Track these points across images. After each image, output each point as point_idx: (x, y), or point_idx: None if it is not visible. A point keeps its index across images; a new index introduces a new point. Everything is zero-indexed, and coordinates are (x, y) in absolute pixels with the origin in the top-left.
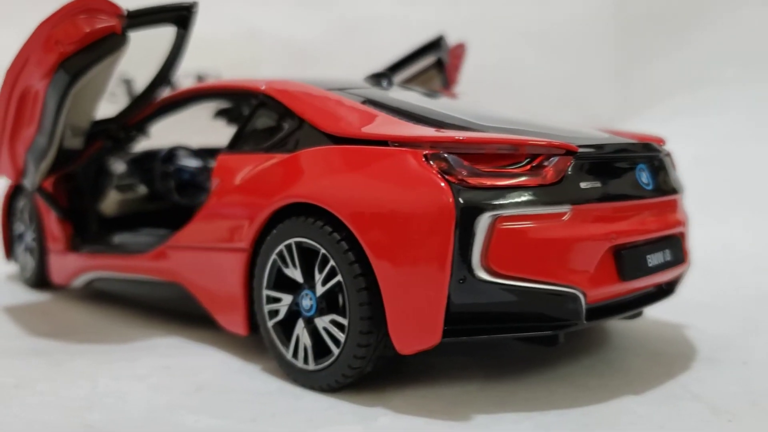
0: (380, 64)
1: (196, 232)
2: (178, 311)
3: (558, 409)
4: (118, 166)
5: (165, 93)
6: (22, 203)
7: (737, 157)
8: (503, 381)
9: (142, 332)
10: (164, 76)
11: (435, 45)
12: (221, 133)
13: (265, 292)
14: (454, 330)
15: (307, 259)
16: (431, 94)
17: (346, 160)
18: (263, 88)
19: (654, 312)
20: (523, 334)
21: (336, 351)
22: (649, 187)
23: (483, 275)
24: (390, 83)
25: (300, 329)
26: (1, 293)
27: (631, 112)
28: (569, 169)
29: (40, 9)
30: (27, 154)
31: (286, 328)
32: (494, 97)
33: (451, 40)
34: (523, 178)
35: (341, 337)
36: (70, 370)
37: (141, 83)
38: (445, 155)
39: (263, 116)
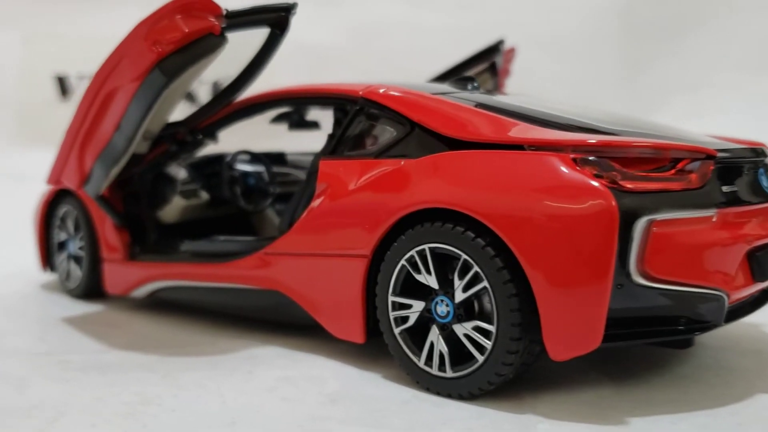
0: (394, 68)
1: (301, 239)
2: (253, 319)
3: (706, 410)
4: (181, 172)
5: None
6: (63, 210)
7: None
8: (631, 384)
9: (235, 343)
10: (247, 79)
11: (494, 49)
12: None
13: (392, 299)
14: (608, 335)
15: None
16: (528, 97)
17: (489, 165)
18: (361, 92)
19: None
20: (671, 338)
21: (480, 358)
22: None
23: (640, 280)
24: (476, 87)
25: (434, 336)
26: (48, 305)
27: (638, 114)
28: (711, 173)
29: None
30: (97, 160)
31: (414, 334)
32: None
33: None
34: (671, 182)
35: (486, 343)
36: (189, 385)
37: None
38: (596, 159)
39: (364, 121)
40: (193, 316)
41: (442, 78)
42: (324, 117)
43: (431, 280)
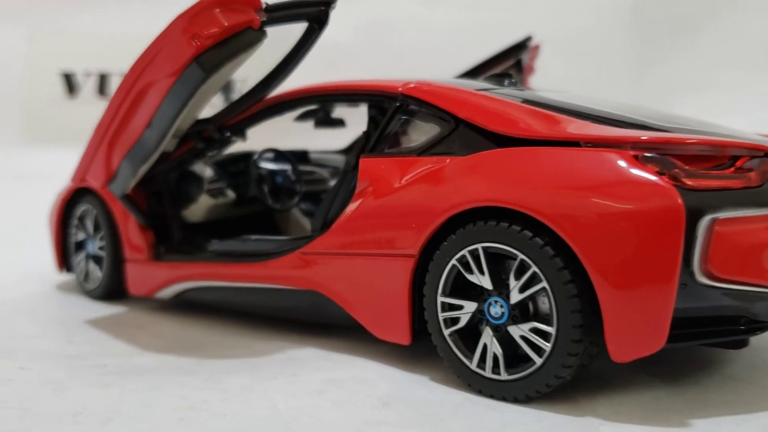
0: (405, 66)
1: (342, 239)
2: (285, 320)
3: (766, 411)
4: (207, 170)
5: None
6: (81, 209)
7: None
8: (683, 385)
9: (271, 344)
10: (281, 76)
11: (521, 46)
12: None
13: (441, 300)
14: (671, 336)
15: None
16: (567, 93)
17: (546, 162)
18: (401, 89)
19: None
20: (731, 338)
21: (538, 360)
22: None
23: (703, 280)
24: (513, 83)
25: (488, 338)
26: (69, 306)
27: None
28: None
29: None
30: (126, 158)
31: (465, 336)
32: None
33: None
34: (731, 180)
35: (545, 345)
36: (234, 388)
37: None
38: (658, 156)
39: (404, 118)
40: (220, 316)
41: (469, 75)
42: (347, 114)
43: (485, 281)
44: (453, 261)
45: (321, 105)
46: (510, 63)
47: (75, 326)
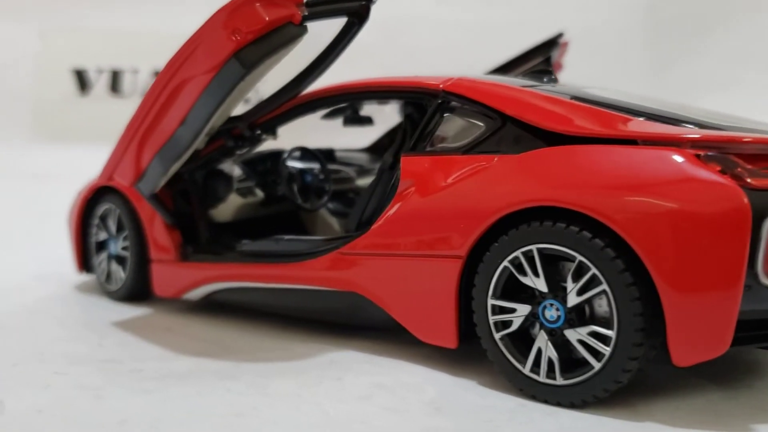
0: (419, 63)
1: (384, 239)
2: (320, 322)
3: None
4: (235, 168)
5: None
6: (103, 209)
7: None
8: (736, 389)
9: (309, 347)
10: (315, 73)
11: (553, 42)
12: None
13: (492, 302)
14: (734, 338)
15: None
16: (612, 90)
17: (604, 160)
18: (442, 86)
19: None
20: None
21: (597, 365)
22: None
23: (767, 281)
24: (553, 80)
25: (543, 342)
26: (92, 308)
27: None
28: None
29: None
30: (157, 156)
31: (516, 339)
32: None
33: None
34: None
35: (604, 349)
36: (281, 394)
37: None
38: (719, 155)
39: (447, 115)
40: (249, 317)
41: (499, 72)
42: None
43: (539, 283)
44: (505, 263)
45: (354, 103)
46: (540, 60)
47: (103, 328)
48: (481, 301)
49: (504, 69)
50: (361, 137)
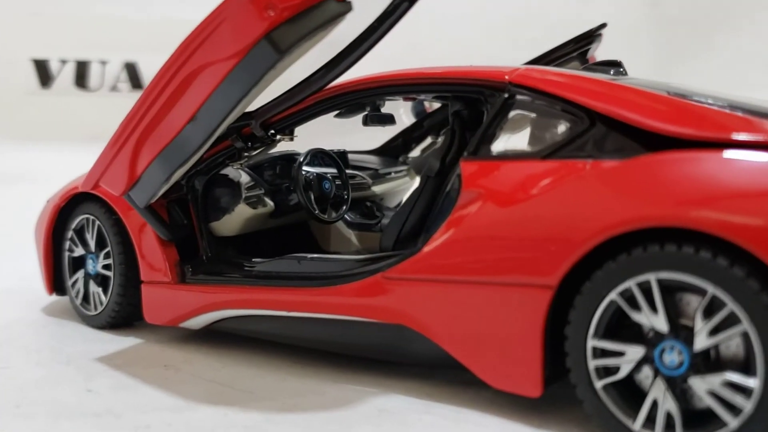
0: (420, 57)
1: (442, 261)
2: (351, 356)
3: None
4: (242, 175)
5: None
6: (79, 219)
7: None
8: None
9: (347, 391)
10: (348, 60)
11: (594, 34)
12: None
13: (593, 343)
14: None
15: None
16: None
17: (745, 173)
18: (509, 78)
19: None
20: None
21: (732, 422)
22: None
23: None
24: (622, 73)
25: (659, 392)
26: (69, 339)
27: None
28: None
29: None
30: (157, 159)
31: (623, 388)
32: None
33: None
34: None
35: (743, 403)
36: None
37: None
38: None
39: (518, 113)
40: (258, 349)
41: (537, 62)
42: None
43: (657, 321)
44: (613, 295)
45: (388, 98)
46: (576, 54)
47: (87, 366)
48: (578, 342)
49: (538, 62)
50: (361, 137)
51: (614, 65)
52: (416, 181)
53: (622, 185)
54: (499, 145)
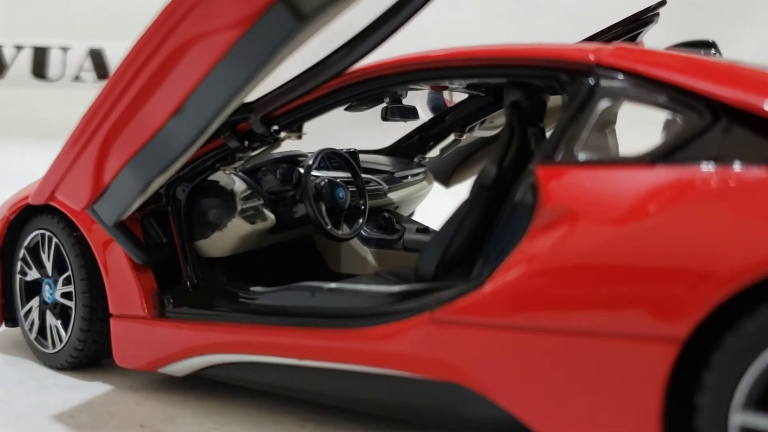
0: (422, 44)
1: (517, 300)
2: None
3: None
4: (236, 182)
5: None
6: (32, 236)
7: None
8: None
9: None
10: (378, 35)
11: (653, 12)
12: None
13: (740, 418)
14: None
15: None
16: None
17: None
18: (594, 58)
19: None
20: None
21: None
22: None
23: None
24: (717, 54)
25: None
26: (22, 385)
27: None
28: None
29: None
30: (130, 164)
31: None
32: None
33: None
34: None
35: None
36: None
37: None
38: None
39: (609, 104)
40: (253, 400)
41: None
42: None
43: None
44: None
45: (428, 85)
46: (626, 35)
47: (41, 428)
48: (718, 415)
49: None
50: (361, 137)
51: (706, 46)
52: (433, 187)
53: None
54: (588, 147)
